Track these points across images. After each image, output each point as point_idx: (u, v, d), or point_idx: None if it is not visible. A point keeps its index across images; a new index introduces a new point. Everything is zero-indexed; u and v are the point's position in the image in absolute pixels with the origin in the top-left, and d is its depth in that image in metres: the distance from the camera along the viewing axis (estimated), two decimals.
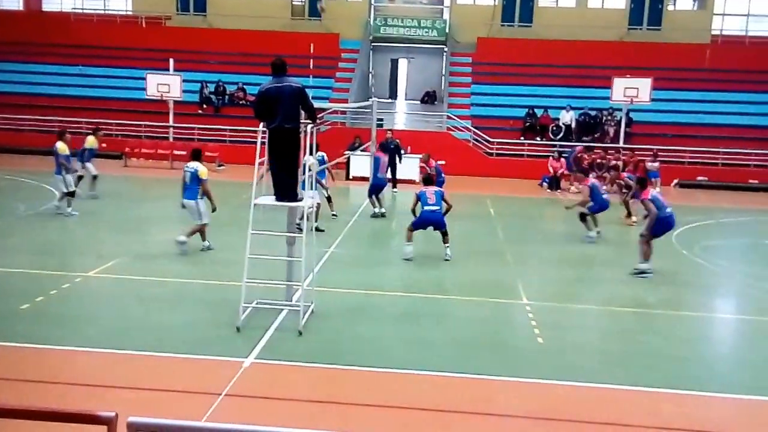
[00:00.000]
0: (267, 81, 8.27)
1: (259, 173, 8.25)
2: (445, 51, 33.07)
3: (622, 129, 25.31)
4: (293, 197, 8.32)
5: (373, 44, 34.18)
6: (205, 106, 28.58)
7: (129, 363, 7.04)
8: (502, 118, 27.84)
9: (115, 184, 17.02)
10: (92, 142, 16.59)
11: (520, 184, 23.43)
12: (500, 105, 28.59)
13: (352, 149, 22.13)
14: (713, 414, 6.51)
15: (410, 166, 21.48)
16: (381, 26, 32.86)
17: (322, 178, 14.59)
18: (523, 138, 26.77)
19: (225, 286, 9.58)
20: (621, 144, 24.40)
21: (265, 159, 8.26)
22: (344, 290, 9.96)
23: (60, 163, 14.22)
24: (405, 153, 21.64)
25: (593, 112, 27.33)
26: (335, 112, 26.50)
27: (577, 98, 27.89)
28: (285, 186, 8.25)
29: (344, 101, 26.40)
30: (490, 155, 26.05)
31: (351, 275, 10.97)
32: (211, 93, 28.77)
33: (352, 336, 8.16)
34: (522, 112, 27.66)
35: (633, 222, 15.92)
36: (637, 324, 9.20)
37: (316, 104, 8.67)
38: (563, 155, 23.25)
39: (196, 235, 11.70)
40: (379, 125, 21.37)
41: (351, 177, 22.52)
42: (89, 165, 16.54)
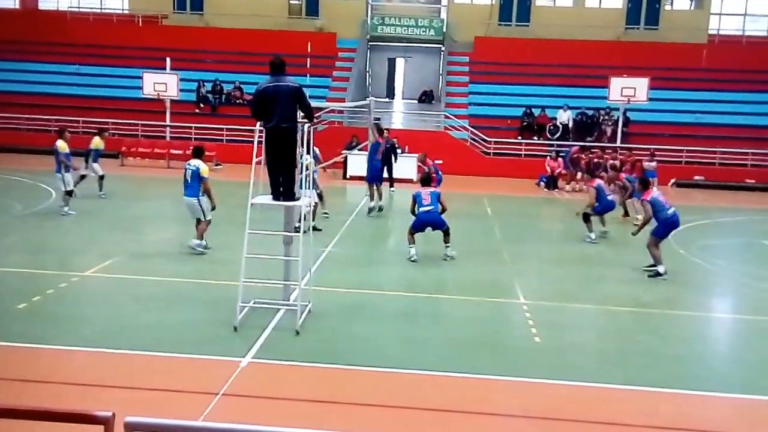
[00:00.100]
0: (265, 80, 8.25)
1: (257, 172, 8.23)
2: (443, 50, 33.04)
3: (620, 128, 25.35)
4: (290, 197, 8.31)
5: (371, 43, 34.15)
6: (202, 105, 28.52)
7: (126, 362, 7.02)
8: (500, 118, 27.85)
9: (112, 184, 16.98)
10: (98, 143, 16.61)
11: (518, 184, 23.43)
12: (497, 104, 28.58)
13: (350, 149, 22.12)
14: (710, 413, 6.52)
15: (408, 166, 21.47)
16: (378, 25, 32.83)
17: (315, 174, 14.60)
18: (521, 137, 26.78)
19: (222, 286, 9.57)
20: (618, 144, 24.42)
21: (262, 158, 8.25)
22: (341, 290, 9.95)
23: (60, 162, 14.22)
24: (402, 153, 21.62)
25: (590, 112, 27.35)
26: (332, 112, 26.47)
27: (575, 98, 27.92)
28: (282, 185, 8.25)
29: (341, 100, 26.38)
30: (488, 155, 26.06)
31: (348, 275, 10.96)
32: (208, 92, 28.72)
33: (350, 335, 8.15)
34: (519, 112, 27.66)
35: (635, 221, 15.86)
36: (635, 323, 9.20)
37: (313, 104, 8.65)
38: (560, 155, 23.29)
39: (194, 235, 11.69)
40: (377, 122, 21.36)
41: (348, 176, 22.50)
42: (95, 165, 16.55)
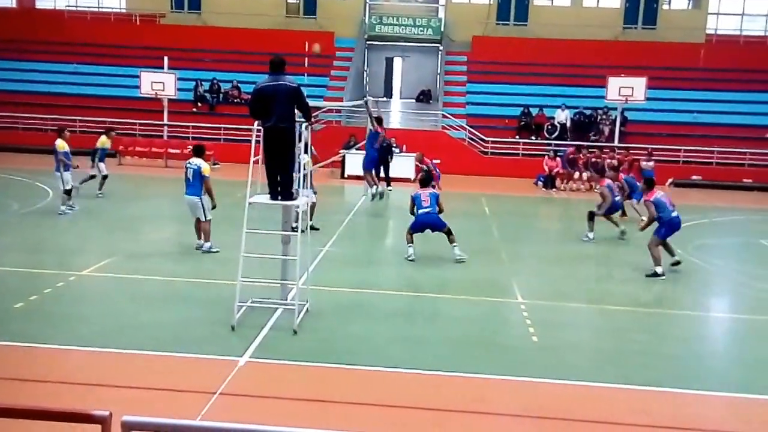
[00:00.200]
0: (263, 79, 8.24)
1: (254, 172, 8.23)
2: (441, 50, 33.04)
3: (617, 128, 25.35)
4: (288, 196, 8.31)
5: (368, 43, 34.12)
6: (200, 104, 28.49)
7: (123, 362, 7.02)
8: (497, 117, 27.86)
9: (110, 183, 16.96)
10: (104, 142, 16.62)
11: (515, 183, 23.44)
12: (495, 104, 28.58)
13: (348, 148, 22.12)
14: (707, 412, 6.53)
15: (405, 165, 21.48)
16: (376, 24, 32.80)
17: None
18: (518, 137, 26.78)
19: (220, 285, 9.55)
20: (616, 143, 24.44)
21: (260, 157, 8.24)
22: (339, 289, 9.95)
23: (59, 160, 14.22)
24: (399, 152, 21.62)
25: (588, 111, 27.39)
26: (330, 111, 26.45)
27: (572, 97, 27.94)
28: (280, 185, 8.24)
29: (339, 100, 26.36)
30: (485, 154, 26.06)
31: (346, 274, 10.96)
32: (206, 91, 28.69)
33: (347, 335, 8.15)
34: (517, 111, 27.68)
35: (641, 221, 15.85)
36: (631, 323, 9.21)
37: (311, 103, 8.65)
38: (558, 154, 23.30)
39: (193, 235, 11.70)
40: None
41: (346, 176, 22.50)
42: (101, 165, 16.59)
